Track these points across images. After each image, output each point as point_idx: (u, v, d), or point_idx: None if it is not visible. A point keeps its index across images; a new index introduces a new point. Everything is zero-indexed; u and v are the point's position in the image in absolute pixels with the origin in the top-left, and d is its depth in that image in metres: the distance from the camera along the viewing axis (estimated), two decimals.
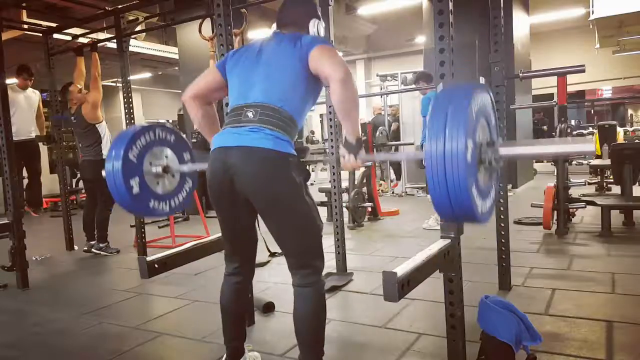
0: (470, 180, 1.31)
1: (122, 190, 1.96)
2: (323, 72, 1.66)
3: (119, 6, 4.31)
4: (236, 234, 1.88)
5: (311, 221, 1.75)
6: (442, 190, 1.31)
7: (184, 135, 2.28)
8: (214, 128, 1.98)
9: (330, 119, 3.37)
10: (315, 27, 1.89)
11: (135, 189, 1.98)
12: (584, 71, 3.16)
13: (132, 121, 4.41)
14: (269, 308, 2.77)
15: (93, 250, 4.59)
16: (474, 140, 1.34)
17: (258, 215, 1.81)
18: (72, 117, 4.54)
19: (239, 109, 1.74)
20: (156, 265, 2.02)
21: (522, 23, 8.47)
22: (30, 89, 5.69)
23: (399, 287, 1.47)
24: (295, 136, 1.78)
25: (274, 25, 1.94)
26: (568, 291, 2.86)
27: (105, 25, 5.56)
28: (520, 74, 3.17)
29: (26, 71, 5.56)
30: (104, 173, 1.99)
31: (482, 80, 1.47)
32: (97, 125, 4.49)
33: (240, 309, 1.96)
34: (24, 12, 6.10)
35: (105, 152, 4.42)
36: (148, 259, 1.98)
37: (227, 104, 2.03)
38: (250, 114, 1.70)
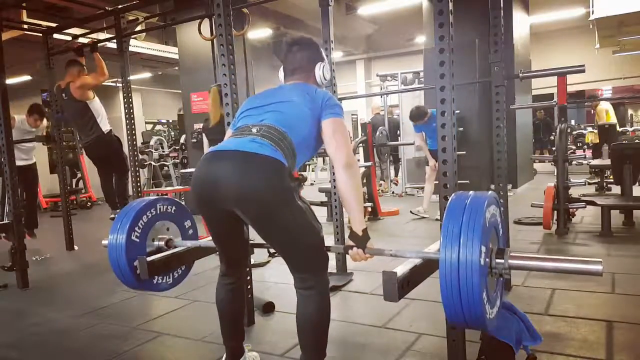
0: (483, 288, 1.34)
1: (126, 273, 1.98)
2: (328, 147, 1.73)
3: (119, 6, 4.31)
4: (223, 237, 1.86)
5: (306, 226, 1.70)
6: (455, 297, 1.34)
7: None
8: None
9: None
10: (321, 70, 1.93)
11: (139, 269, 1.98)
12: (584, 71, 3.16)
13: (132, 121, 4.41)
14: (269, 308, 2.77)
15: None
16: (487, 249, 1.38)
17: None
18: (63, 94, 4.45)
19: (245, 127, 1.76)
20: (156, 265, 2.02)
21: (522, 23, 8.47)
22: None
23: (399, 287, 1.47)
24: (294, 167, 1.74)
25: (281, 71, 1.99)
26: (568, 291, 2.86)
27: (105, 25, 5.56)
28: (520, 74, 3.17)
29: (38, 112, 5.34)
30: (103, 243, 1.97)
31: (492, 187, 1.53)
32: (88, 103, 4.38)
33: (236, 309, 1.95)
34: (24, 12, 6.09)
35: (103, 126, 4.37)
36: (148, 259, 1.98)
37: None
38: (254, 130, 1.72)
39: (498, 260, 1.46)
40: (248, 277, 2.56)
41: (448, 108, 1.86)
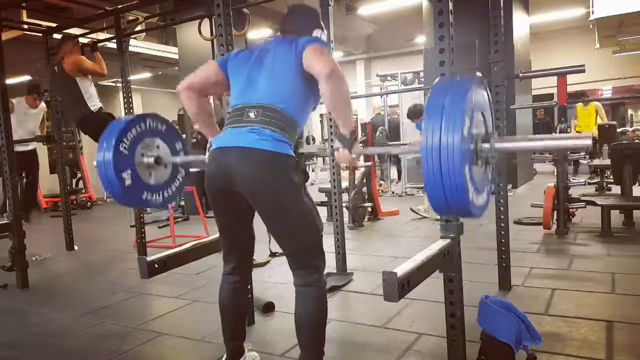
0: (465, 173, 1.30)
1: (114, 183, 1.95)
2: (314, 71, 1.66)
3: (119, 6, 4.31)
4: (233, 233, 1.88)
5: (310, 221, 1.75)
6: (437, 183, 1.31)
7: (176, 126, 2.27)
8: (209, 122, 1.99)
9: (331, 119, 3.37)
10: (319, 36, 1.90)
11: (128, 181, 1.97)
12: (584, 71, 3.16)
13: None
14: (269, 308, 2.77)
15: None
16: (470, 134, 1.33)
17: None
18: (55, 67, 4.38)
19: (241, 109, 1.75)
20: (156, 265, 2.02)
21: (522, 23, 8.47)
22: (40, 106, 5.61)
23: (399, 287, 1.47)
24: (296, 137, 1.78)
25: (277, 34, 1.96)
26: (568, 291, 2.86)
27: (105, 25, 5.55)
28: (520, 74, 3.17)
29: (36, 91, 5.39)
30: (94, 164, 1.98)
31: (478, 74, 1.46)
32: (77, 80, 4.27)
33: (239, 309, 1.96)
34: (24, 12, 6.09)
35: (92, 105, 4.28)
36: (148, 259, 1.98)
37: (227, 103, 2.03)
38: (252, 115, 1.70)
39: (484, 145, 1.41)
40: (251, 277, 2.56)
41: None
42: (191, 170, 2.34)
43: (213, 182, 1.76)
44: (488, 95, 1.52)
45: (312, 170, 12.21)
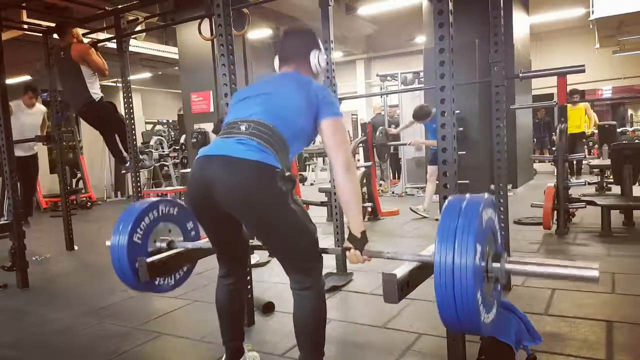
0: (477, 292, 1.32)
1: (128, 274, 1.97)
2: (327, 149, 1.71)
3: (119, 6, 4.31)
4: (220, 240, 1.87)
5: (302, 228, 1.70)
6: (449, 301, 1.33)
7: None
8: None
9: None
10: (316, 58, 1.90)
11: None
12: (584, 71, 3.16)
13: (132, 121, 4.41)
14: (269, 308, 2.77)
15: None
16: (482, 253, 1.36)
17: None
18: (61, 52, 4.41)
19: (234, 122, 1.74)
20: (156, 265, 2.02)
21: (522, 23, 8.47)
22: (37, 107, 5.61)
23: (398, 289, 1.47)
24: (285, 162, 1.71)
25: (276, 60, 1.96)
26: (568, 291, 2.86)
27: (105, 25, 5.56)
28: (520, 74, 3.17)
29: (32, 89, 5.45)
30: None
31: (486, 195, 1.49)
32: (81, 67, 4.33)
33: (235, 310, 1.95)
34: (24, 12, 6.09)
35: (94, 94, 4.34)
36: (148, 259, 1.98)
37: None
38: (242, 127, 1.69)
39: (494, 265, 1.44)
40: (248, 277, 2.56)
41: (448, 108, 1.86)
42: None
43: (193, 190, 1.72)
44: (498, 214, 1.58)
45: (312, 170, 12.23)
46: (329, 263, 3.35)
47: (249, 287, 2.57)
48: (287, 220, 1.66)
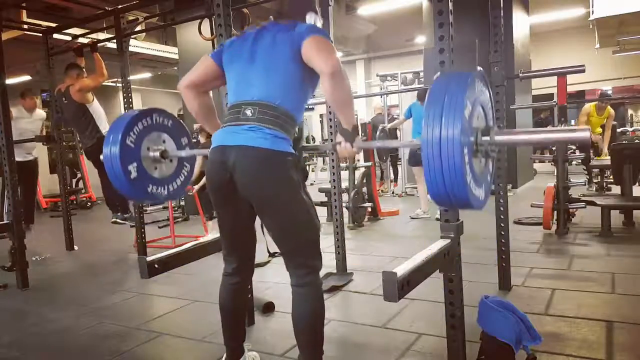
0: (465, 166, 1.31)
1: (120, 175, 1.96)
2: (314, 65, 1.66)
3: (119, 6, 4.31)
4: (234, 232, 1.88)
5: (308, 221, 1.75)
6: (437, 176, 1.32)
7: (182, 121, 2.28)
8: (211, 118, 2.00)
9: (330, 119, 3.37)
10: (312, 20, 1.88)
11: (133, 174, 1.99)
12: (584, 71, 3.16)
13: None
14: (269, 308, 2.77)
15: (118, 221, 4.60)
16: (470, 127, 1.34)
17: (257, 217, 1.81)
18: (63, 97, 4.45)
19: (238, 106, 1.74)
20: (156, 265, 2.02)
21: (522, 23, 8.46)
22: (37, 112, 5.58)
23: (399, 287, 1.47)
24: (294, 131, 1.77)
25: (271, 18, 1.94)
26: (568, 291, 2.86)
27: (105, 25, 5.55)
28: (520, 74, 3.17)
29: (28, 93, 5.43)
30: (101, 157, 2.00)
31: (479, 68, 1.48)
32: (87, 106, 4.39)
33: (239, 309, 1.96)
34: (24, 12, 6.09)
35: (104, 130, 4.38)
36: (148, 259, 1.98)
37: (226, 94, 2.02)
38: (248, 112, 1.70)
39: (484, 138, 1.42)
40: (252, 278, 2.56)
41: None
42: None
43: (214, 181, 1.77)
44: (489, 90, 1.53)
45: (312, 170, 12.21)
46: (329, 263, 3.35)
47: (249, 287, 2.57)
48: (297, 208, 1.71)
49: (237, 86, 1.80)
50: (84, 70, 4.54)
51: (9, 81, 4.62)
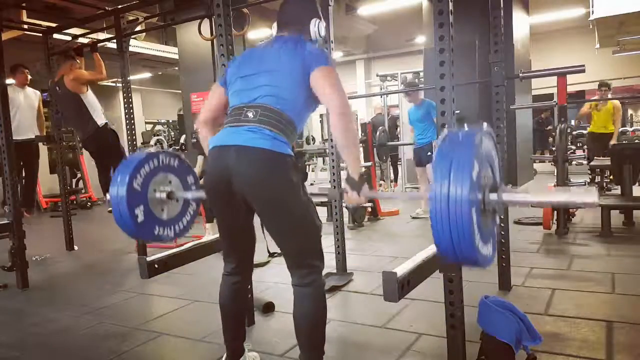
0: (473, 225, 1.32)
1: (127, 219, 1.94)
2: (322, 99, 1.70)
3: (119, 6, 4.30)
4: (233, 233, 1.88)
5: (309, 221, 1.75)
6: (445, 234, 1.32)
7: (187, 160, 2.25)
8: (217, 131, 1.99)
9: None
10: (316, 26, 1.88)
11: (140, 217, 1.96)
12: (584, 71, 3.16)
13: (132, 121, 4.41)
14: (269, 308, 2.77)
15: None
16: (478, 181, 1.35)
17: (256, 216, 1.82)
18: (57, 87, 4.44)
19: (240, 108, 1.75)
20: (156, 265, 2.03)
21: (522, 23, 8.46)
22: (30, 89, 5.65)
23: (398, 287, 1.47)
24: (294, 140, 1.78)
25: (274, 25, 1.95)
26: (568, 291, 2.86)
27: (105, 25, 5.55)
28: (520, 74, 3.17)
29: (20, 67, 5.46)
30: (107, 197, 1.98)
31: (485, 124, 1.49)
32: (81, 96, 4.36)
33: (239, 309, 1.96)
34: (24, 12, 6.09)
35: (98, 119, 4.38)
36: (148, 259, 1.99)
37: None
38: (250, 114, 1.70)
39: (492, 195, 1.44)
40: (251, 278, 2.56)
41: (448, 108, 1.86)
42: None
43: (212, 180, 1.76)
44: (496, 147, 1.54)
45: (312, 170, 12.21)
46: (329, 263, 3.34)
47: (249, 287, 2.57)
48: (298, 209, 1.71)
49: (240, 91, 1.80)
50: (77, 61, 4.53)
51: (9, 81, 4.61)
